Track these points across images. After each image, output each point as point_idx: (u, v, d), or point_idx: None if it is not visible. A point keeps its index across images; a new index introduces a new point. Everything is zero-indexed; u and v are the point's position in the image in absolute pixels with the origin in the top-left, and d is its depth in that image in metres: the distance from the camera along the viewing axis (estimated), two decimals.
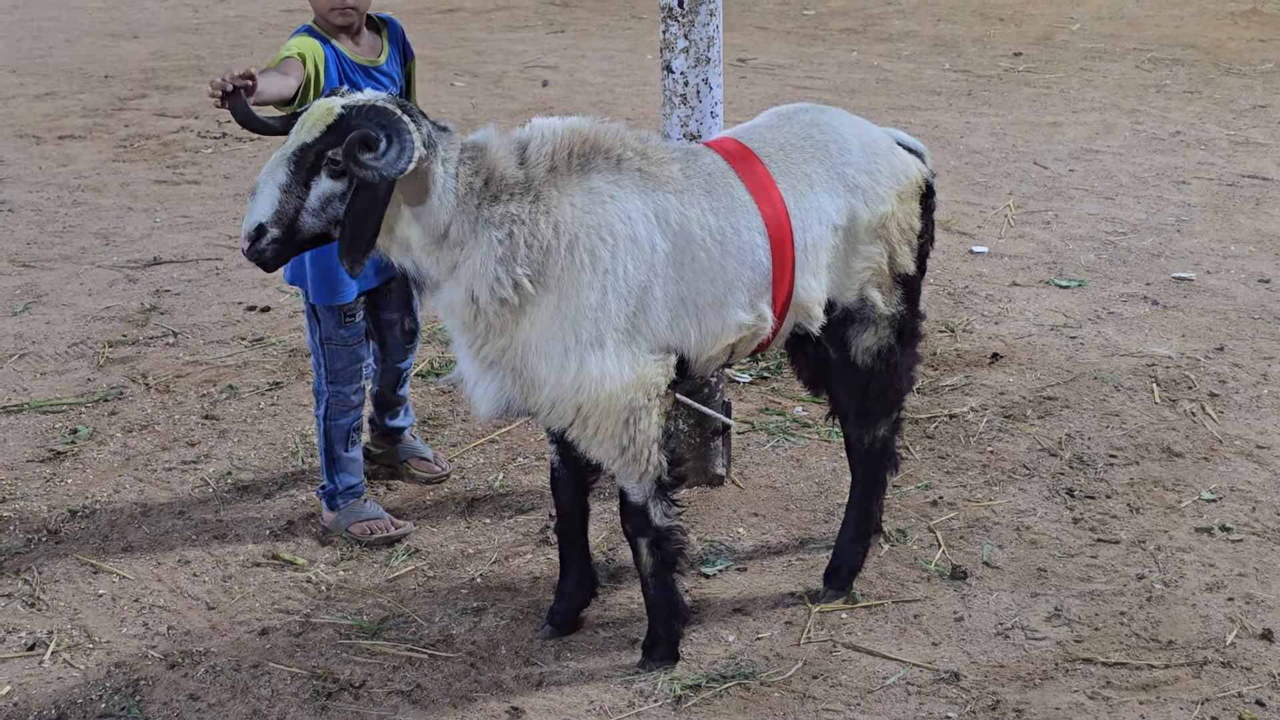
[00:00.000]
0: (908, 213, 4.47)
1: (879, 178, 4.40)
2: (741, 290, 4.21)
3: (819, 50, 14.08)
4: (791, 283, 4.29)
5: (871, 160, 4.41)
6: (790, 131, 4.42)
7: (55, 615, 4.67)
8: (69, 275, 7.73)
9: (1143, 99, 11.92)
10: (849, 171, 4.38)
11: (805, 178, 4.34)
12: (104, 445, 5.79)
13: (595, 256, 4.00)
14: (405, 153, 3.78)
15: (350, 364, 5.14)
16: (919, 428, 5.93)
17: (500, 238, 3.94)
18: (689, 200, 4.15)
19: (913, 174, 4.51)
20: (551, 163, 4.03)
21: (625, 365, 4.05)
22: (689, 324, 4.16)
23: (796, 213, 4.29)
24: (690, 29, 5.01)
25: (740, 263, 4.20)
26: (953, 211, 8.82)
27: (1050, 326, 6.99)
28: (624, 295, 4.04)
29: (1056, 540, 5.11)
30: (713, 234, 4.16)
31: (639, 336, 4.07)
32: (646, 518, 4.29)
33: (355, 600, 4.77)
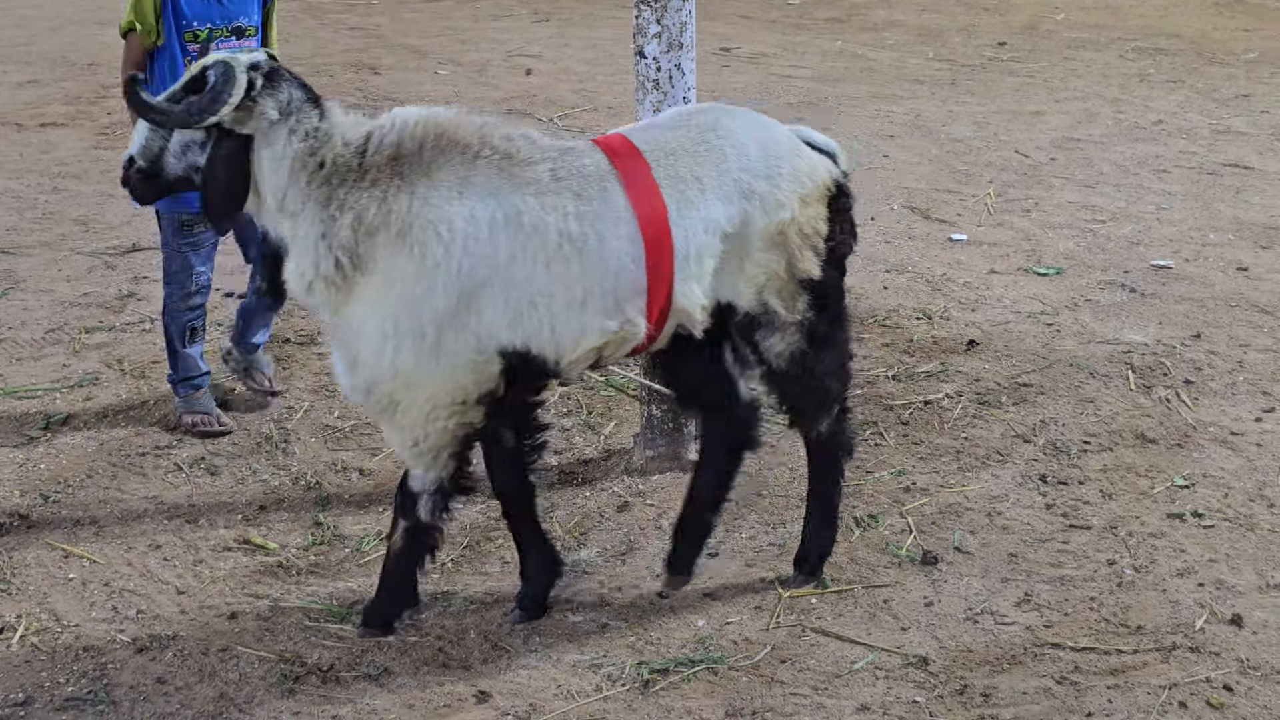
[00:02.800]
0: (811, 217, 4.33)
1: (779, 182, 4.28)
2: (603, 296, 4.14)
3: (803, 39, 14.07)
4: (670, 289, 4.20)
5: (772, 164, 4.29)
6: (686, 134, 4.31)
7: (25, 599, 4.66)
8: (48, 261, 7.71)
9: (1125, 88, 11.92)
10: (745, 177, 4.25)
11: (695, 182, 4.22)
12: (78, 431, 5.78)
13: (426, 249, 4.02)
14: (207, 108, 4.01)
15: (181, 269, 5.67)
16: (893, 414, 5.93)
17: (324, 216, 4.05)
18: (551, 203, 4.10)
19: (819, 176, 4.38)
20: (396, 152, 4.08)
21: (442, 362, 4.08)
22: (539, 326, 4.11)
23: (679, 219, 4.19)
24: (663, 14, 5.00)
25: (603, 270, 4.12)
26: (932, 199, 8.83)
27: (1027, 314, 6.99)
28: (454, 291, 4.04)
29: (1028, 526, 5.12)
30: (572, 240, 4.10)
31: (467, 334, 4.08)
32: (415, 506, 4.36)
33: (325, 584, 4.78)
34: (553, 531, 5.07)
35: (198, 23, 5.61)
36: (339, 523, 5.14)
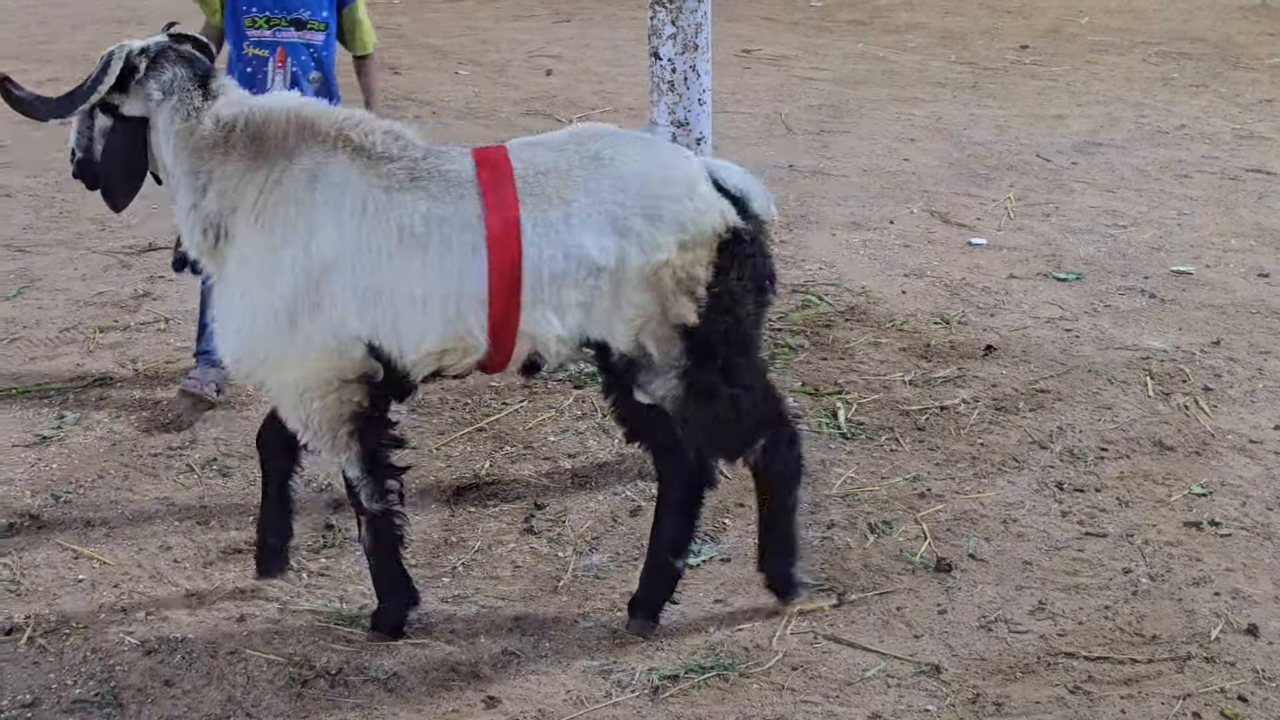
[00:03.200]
0: (689, 262, 4.14)
1: (658, 223, 4.12)
2: (444, 300, 4.13)
3: (825, 41, 14.03)
4: (518, 310, 4.14)
5: (652, 203, 4.13)
6: (567, 157, 4.21)
7: (34, 599, 4.65)
8: (64, 260, 7.71)
9: (1148, 92, 11.86)
10: (621, 212, 4.13)
11: (561, 205, 4.14)
12: (90, 430, 5.77)
13: (273, 227, 4.16)
14: (77, 97, 4.29)
15: None
16: (909, 419, 5.90)
17: (194, 187, 4.24)
18: (399, 200, 4.14)
19: (708, 222, 4.16)
20: (260, 133, 4.21)
21: (299, 345, 4.19)
22: (383, 318, 4.14)
23: (534, 240, 4.12)
24: (678, 15, 4.98)
25: (444, 274, 4.12)
26: (952, 203, 8.79)
27: (1046, 319, 6.95)
28: (302, 273, 4.13)
29: (1044, 533, 5.08)
30: (415, 238, 4.12)
31: (321, 318, 4.16)
32: (356, 497, 4.40)
33: (335, 587, 4.76)
34: (565, 535, 5.06)
35: (256, 9, 5.79)
36: (350, 525, 5.08)
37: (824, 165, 9.65)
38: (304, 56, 5.90)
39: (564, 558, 4.95)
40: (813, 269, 7.62)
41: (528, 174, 4.18)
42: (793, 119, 10.88)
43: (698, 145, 5.11)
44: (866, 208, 8.71)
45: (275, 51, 5.88)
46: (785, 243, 8.03)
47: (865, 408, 6.00)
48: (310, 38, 5.90)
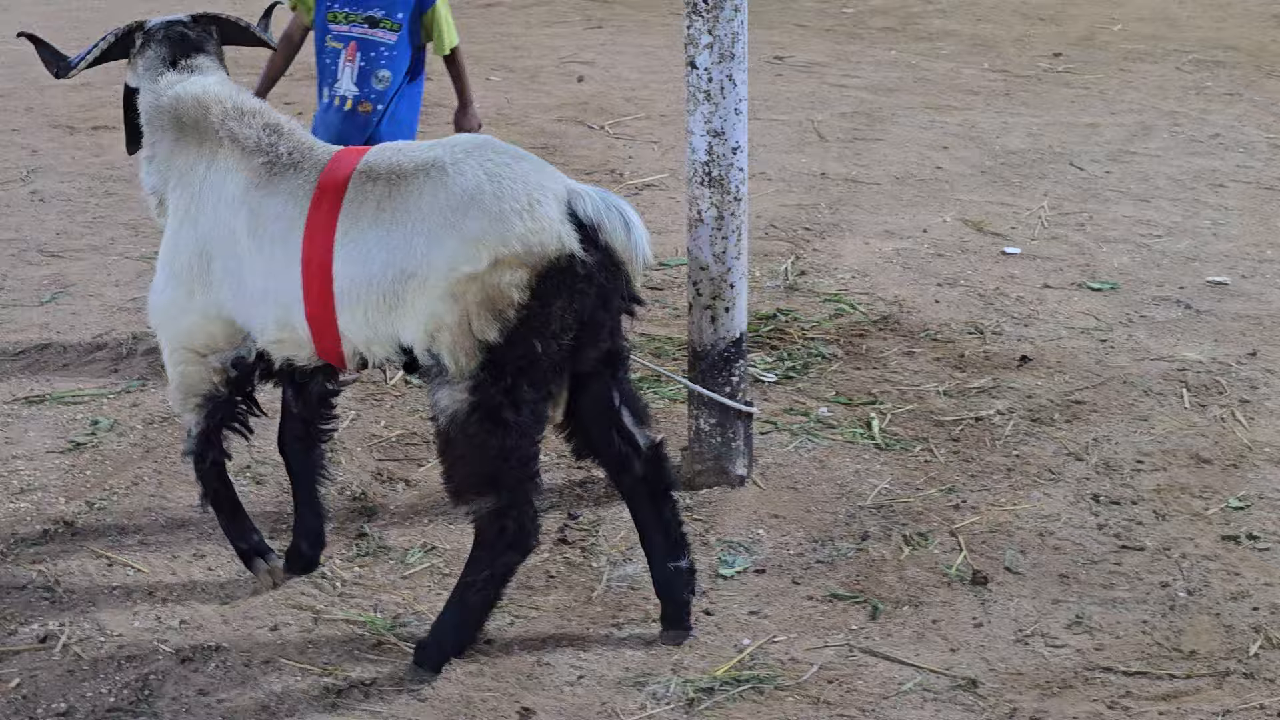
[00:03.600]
0: (502, 282, 3.99)
1: (475, 237, 4.01)
2: (276, 294, 4.30)
3: (857, 49, 13.98)
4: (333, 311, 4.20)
5: (478, 219, 4.01)
6: (407, 161, 4.19)
7: (68, 607, 4.65)
8: (97, 266, 7.73)
9: (1182, 101, 11.79)
10: (437, 221, 4.06)
11: (378, 211, 4.16)
12: (124, 437, 5.78)
13: (178, 206, 4.52)
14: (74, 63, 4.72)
15: None
16: (944, 430, 5.87)
17: (148, 156, 4.65)
18: (255, 194, 4.36)
19: (536, 243, 4.00)
20: (178, 117, 4.53)
21: (178, 309, 4.50)
22: (245, 304, 4.37)
23: (345, 241, 4.17)
24: (715, 24, 4.96)
25: (271, 267, 4.29)
26: (986, 212, 8.75)
27: (1081, 329, 6.91)
28: (194, 248, 4.45)
29: (1080, 546, 5.05)
30: (257, 232, 4.32)
31: (200, 289, 4.45)
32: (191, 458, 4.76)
33: (369, 597, 4.75)
34: (598, 545, 5.04)
35: (338, 5, 6.24)
36: (384, 534, 5.11)
37: (856, 173, 9.62)
38: (374, 54, 6.23)
39: (598, 568, 4.93)
40: (846, 278, 7.60)
41: (360, 178, 4.21)
42: (825, 126, 10.86)
43: (734, 154, 5.08)
44: (899, 216, 8.69)
45: (348, 45, 6.24)
46: (818, 251, 8.02)
47: (899, 418, 5.98)
48: (382, 36, 6.23)
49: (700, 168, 5.12)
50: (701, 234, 5.19)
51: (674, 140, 10.35)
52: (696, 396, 5.35)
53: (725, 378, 5.30)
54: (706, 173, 5.11)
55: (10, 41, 13.65)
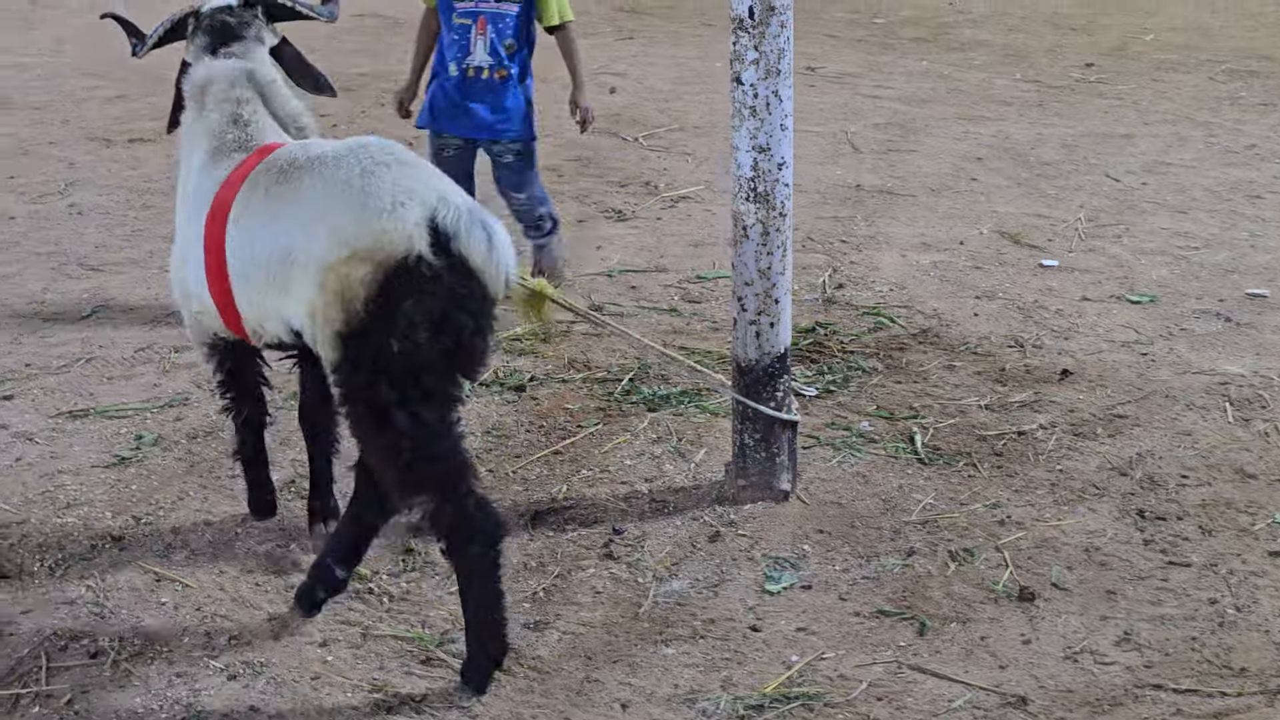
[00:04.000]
0: (353, 275, 4.05)
1: (337, 230, 4.11)
2: (195, 268, 4.59)
3: (889, 59, 13.99)
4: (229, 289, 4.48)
5: (344, 213, 4.13)
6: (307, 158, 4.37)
7: (118, 622, 4.66)
8: (137, 279, 7.75)
9: (1217, 111, 11.77)
10: (311, 212, 4.21)
11: (265, 197, 4.35)
12: (168, 451, 5.79)
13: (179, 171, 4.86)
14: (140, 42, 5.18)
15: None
16: (987, 444, 5.86)
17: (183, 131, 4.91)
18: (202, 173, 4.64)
19: (387, 242, 4.06)
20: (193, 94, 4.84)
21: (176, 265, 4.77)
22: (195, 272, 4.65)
23: (235, 224, 4.41)
24: (761, 40, 4.96)
25: (194, 245, 4.58)
26: (1022, 224, 8.74)
27: (1121, 343, 6.90)
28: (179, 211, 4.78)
29: (1126, 562, 5.04)
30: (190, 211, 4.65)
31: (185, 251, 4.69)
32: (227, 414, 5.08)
33: (417, 613, 4.75)
34: (643, 561, 5.04)
35: None
36: (429, 549, 5.10)
37: (891, 185, 9.62)
38: (500, 25, 7.09)
39: (644, 584, 4.93)
40: (883, 290, 7.59)
41: (261, 168, 4.45)
42: (859, 138, 10.86)
43: (779, 170, 5.09)
44: (935, 228, 8.68)
45: (477, 20, 7.07)
46: (855, 264, 8.02)
47: (941, 432, 5.97)
48: (506, 8, 7.08)
49: (746, 183, 5.12)
50: (747, 249, 5.18)
51: (708, 152, 10.36)
52: (741, 412, 5.35)
53: (770, 393, 5.30)
54: (752, 188, 5.11)
55: (45, 54, 13.77)
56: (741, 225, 5.18)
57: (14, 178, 9.72)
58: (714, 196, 9.33)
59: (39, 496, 5.45)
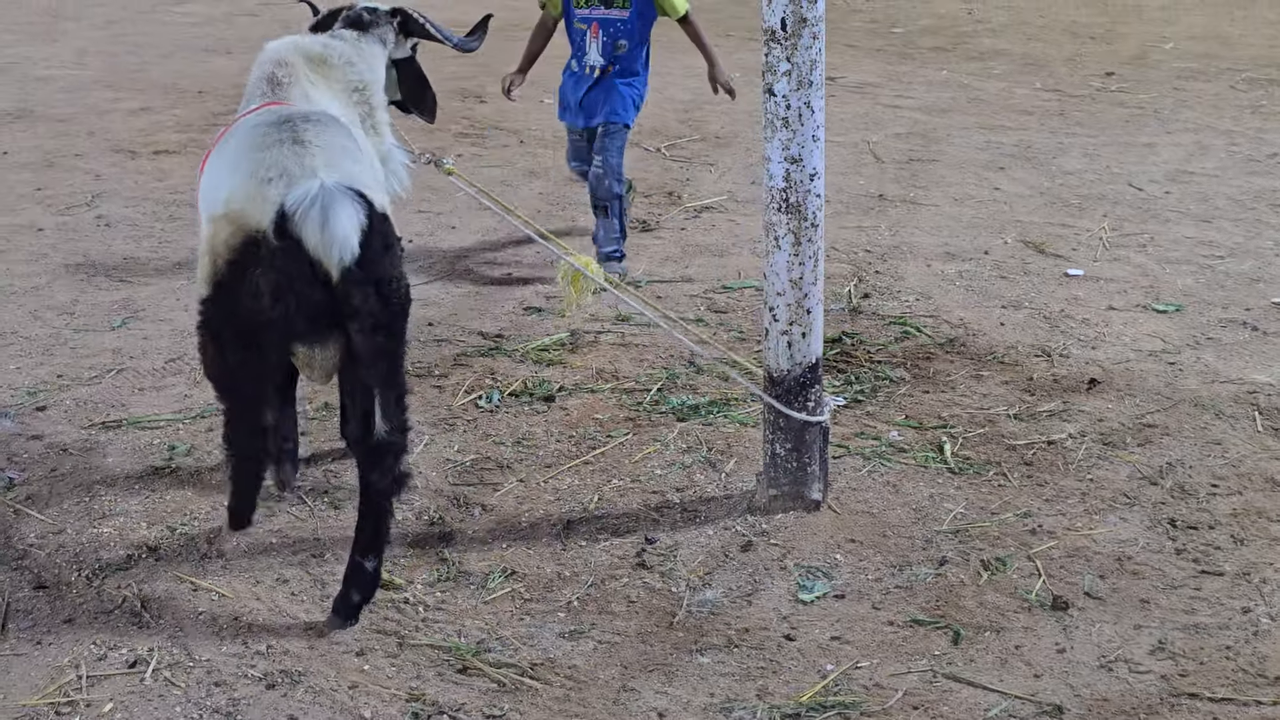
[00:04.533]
0: (219, 235, 4.53)
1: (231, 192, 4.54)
2: None
3: (908, 69, 14.01)
4: None
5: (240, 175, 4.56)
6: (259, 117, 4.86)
7: (156, 632, 4.69)
8: (165, 291, 7.79)
9: (1238, 120, 11.78)
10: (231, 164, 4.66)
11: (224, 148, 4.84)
12: (201, 462, 5.82)
13: None
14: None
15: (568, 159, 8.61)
16: (1016, 454, 5.87)
17: None
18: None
19: (246, 211, 4.46)
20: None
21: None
22: None
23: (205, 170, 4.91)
24: (793, 52, 4.98)
25: None
26: (1046, 233, 8.75)
27: (1148, 352, 6.90)
28: None
29: (1159, 571, 5.04)
30: None
31: None
32: None
33: (452, 622, 4.77)
34: (676, 570, 5.06)
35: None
36: (463, 559, 5.14)
37: (914, 194, 9.63)
38: (612, 29, 7.96)
39: (677, 593, 4.95)
40: (909, 300, 7.61)
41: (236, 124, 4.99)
42: (881, 148, 10.87)
43: (811, 180, 5.10)
44: (960, 238, 8.69)
45: (591, 25, 7.97)
46: (880, 274, 8.03)
47: (971, 442, 5.98)
48: (617, 14, 7.92)
49: (778, 194, 5.13)
50: (778, 260, 5.20)
51: (730, 162, 10.39)
52: (772, 422, 5.37)
53: (801, 403, 5.32)
54: (784, 199, 5.13)
55: (68, 66, 13.83)
56: (773, 236, 5.20)
57: (41, 189, 9.76)
58: (737, 206, 9.35)
59: (75, 507, 5.48)
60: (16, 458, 5.87)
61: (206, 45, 15.10)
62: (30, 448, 5.96)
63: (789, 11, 4.95)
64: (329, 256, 4.36)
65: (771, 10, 4.98)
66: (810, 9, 4.95)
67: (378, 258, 4.49)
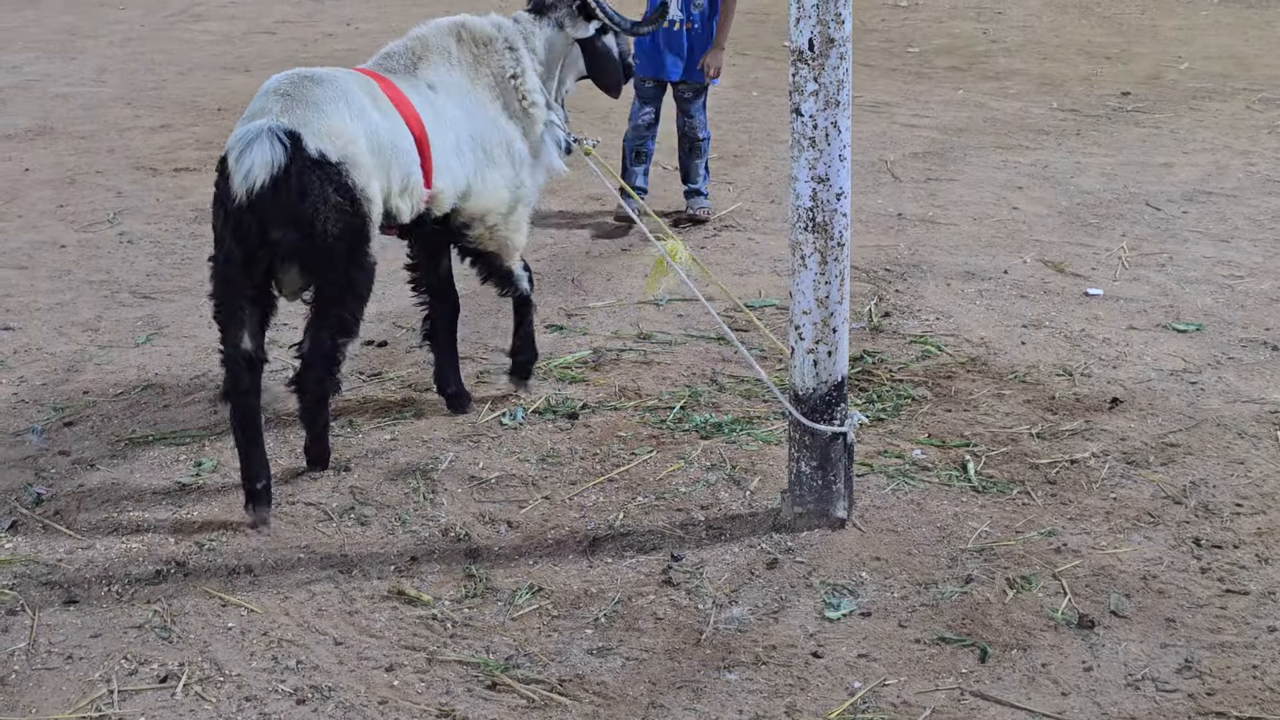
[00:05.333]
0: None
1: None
2: None
3: (924, 88, 14.04)
4: None
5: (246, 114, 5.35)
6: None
7: (186, 647, 4.71)
8: (188, 307, 7.82)
9: (1255, 140, 11.79)
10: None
11: None
12: (227, 478, 5.84)
13: None
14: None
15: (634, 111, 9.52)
16: (1040, 473, 5.88)
17: None
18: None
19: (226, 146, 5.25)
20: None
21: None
22: None
23: None
24: (820, 72, 5.01)
25: None
26: (1065, 253, 8.77)
27: (1170, 371, 6.92)
28: None
29: (1185, 590, 5.06)
30: None
31: None
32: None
33: (480, 638, 4.79)
34: (703, 588, 5.08)
35: None
36: (490, 575, 5.16)
37: (933, 214, 9.66)
38: None
39: (704, 610, 4.96)
40: (930, 319, 7.63)
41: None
42: (898, 167, 10.90)
43: (838, 200, 5.12)
44: (979, 257, 8.71)
45: None
46: (900, 292, 8.05)
47: (994, 460, 6.00)
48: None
49: (804, 213, 5.16)
50: (805, 279, 5.22)
51: (748, 181, 10.41)
52: (798, 439, 5.38)
53: (827, 421, 5.33)
54: (810, 218, 5.15)
55: (87, 83, 13.88)
56: (800, 254, 5.22)
57: (63, 206, 9.81)
58: (756, 225, 9.38)
59: (102, 522, 5.51)
60: (44, 473, 5.90)
61: (225, 63, 15.16)
62: (58, 463, 5.99)
63: (816, 32, 4.98)
64: (235, 186, 5.13)
65: (799, 30, 5.01)
66: (838, 29, 4.98)
67: (291, 195, 5.16)
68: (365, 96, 5.50)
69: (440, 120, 5.80)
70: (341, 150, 5.27)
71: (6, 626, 4.83)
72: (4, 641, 4.75)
